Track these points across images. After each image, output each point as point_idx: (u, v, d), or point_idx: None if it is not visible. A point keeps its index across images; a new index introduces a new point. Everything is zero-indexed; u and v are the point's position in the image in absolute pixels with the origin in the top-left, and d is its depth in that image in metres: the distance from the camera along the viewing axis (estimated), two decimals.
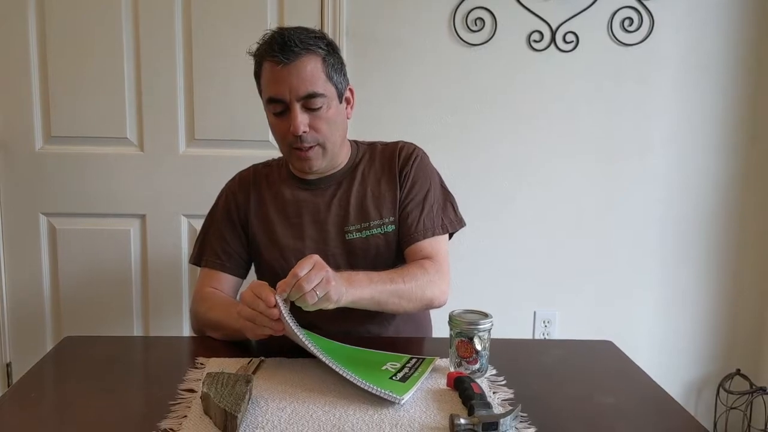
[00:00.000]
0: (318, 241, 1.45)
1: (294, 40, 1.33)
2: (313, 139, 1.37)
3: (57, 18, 2.10)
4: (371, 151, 1.53)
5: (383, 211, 1.45)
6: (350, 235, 1.44)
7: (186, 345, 1.31)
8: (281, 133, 1.39)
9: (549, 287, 2.31)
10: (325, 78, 1.36)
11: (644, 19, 2.16)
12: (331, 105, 1.38)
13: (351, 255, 1.44)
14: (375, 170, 1.49)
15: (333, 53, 1.39)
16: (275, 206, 1.49)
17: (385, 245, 1.45)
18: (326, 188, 1.48)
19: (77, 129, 2.15)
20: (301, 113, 1.35)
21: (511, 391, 1.10)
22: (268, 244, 1.47)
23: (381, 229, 1.45)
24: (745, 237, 2.31)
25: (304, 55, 1.33)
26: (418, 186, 1.47)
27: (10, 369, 2.25)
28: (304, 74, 1.33)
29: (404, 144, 1.52)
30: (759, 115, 2.24)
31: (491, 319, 1.16)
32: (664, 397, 1.13)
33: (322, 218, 1.46)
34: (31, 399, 1.08)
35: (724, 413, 2.32)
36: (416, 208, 1.46)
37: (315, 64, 1.35)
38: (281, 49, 1.32)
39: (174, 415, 0.99)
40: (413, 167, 1.48)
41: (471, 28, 2.15)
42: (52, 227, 2.21)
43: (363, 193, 1.47)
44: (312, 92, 1.34)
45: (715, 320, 2.35)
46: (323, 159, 1.42)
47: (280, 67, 1.33)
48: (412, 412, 1.01)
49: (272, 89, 1.36)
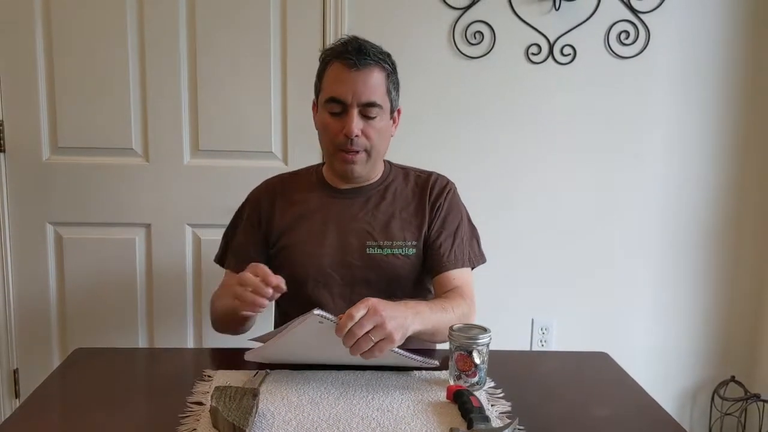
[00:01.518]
0: (338, 250, 1.48)
1: (369, 49, 1.40)
2: (362, 144, 1.43)
3: (63, 32, 2.13)
4: (404, 174, 1.58)
5: (407, 235, 1.49)
6: (371, 249, 1.48)
7: (193, 357, 1.35)
8: (333, 133, 1.43)
9: (546, 295, 2.34)
10: (385, 92, 1.43)
11: (640, 33, 2.19)
12: (384, 118, 1.45)
13: (369, 269, 1.47)
14: (406, 194, 1.54)
15: (395, 72, 1.47)
16: (301, 211, 1.52)
17: (402, 266, 1.48)
18: (355, 199, 1.52)
19: (83, 140, 2.19)
20: (357, 118, 1.40)
21: (508, 404, 1.14)
22: (288, 248, 1.50)
23: (402, 250, 1.48)
24: (740, 245, 2.35)
25: (374, 65, 1.41)
26: (451, 218, 1.52)
27: (18, 375, 2.28)
28: (370, 83, 1.40)
29: (438, 176, 1.57)
30: (752, 124, 2.28)
31: (489, 333, 1.20)
32: (658, 409, 1.16)
33: (347, 229, 1.50)
34: (43, 413, 1.11)
35: (719, 419, 2.36)
36: (448, 239, 1.50)
37: (380, 76, 1.42)
38: (356, 54, 1.39)
39: (184, 428, 1.03)
40: (447, 200, 1.53)
41: (470, 42, 2.19)
42: (58, 236, 2.24)
43: (391, 213, 1.51)
44: (372, 101, 1.41)
45: (710, 327, 2.39)
46: (365, 166, 1.47)
47: (350, 71, 1.39)
48: (413, 425, 1.05)
49: (336, 89, 1.41)
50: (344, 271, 1.48)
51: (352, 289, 1.48)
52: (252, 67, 2.18)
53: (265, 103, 2.19)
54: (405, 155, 1.70)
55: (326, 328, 1.13)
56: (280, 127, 2.21)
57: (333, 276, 1.48)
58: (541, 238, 2.31)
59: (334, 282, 1.48)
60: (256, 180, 1.63)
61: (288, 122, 2.20)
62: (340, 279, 1.48)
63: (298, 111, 2.17)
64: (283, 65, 2.18)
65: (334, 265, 1.48)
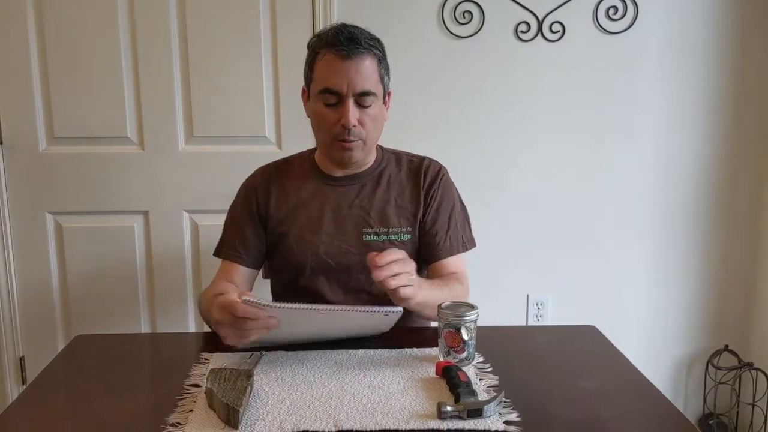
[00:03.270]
0: (334, 237, 1.50)
1: (360, 37, 1.39)
2: (359, 133, 1.43)
3: (55, 24, 2.15)
4: (397, 159, 1.59)
5: (402, 221, 1.51)
6: (368, 236, 1.50)
7: (191, 341, 1.39)
8: (329, 124, 1.43)
9: (541, 271, 2.38)
10: (378, 78, 1.44)
11: (629, 8, 2.20)
12: (378, 104, 1.45)
13: (365, 256, 1.47)
14: (400, 180, 1.55)
15: (385, 57, 1.47)
16: (297, 199, 1.53)
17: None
18: (350, 186, 1.53)
19: (79, 130, 2.21)
20: (353, 108, 1.41)
21: (496, 378, 1.17)
22: (285, 237, 1.52)
23: (398, 236, 1.51)
24: (733, 217, 2.37)
25: (366, 53, 1.40)
26: (445, 204, 1.55)
27: (24, 363, 2.33)
28: (364, 71, 1.40)
29: (431, 161, 1.59)
30: (742, 98, 2.28)
31: (477, 310, 1.23)
32: (643, 381, 1.20)
33: (343, 215, 1.51)
34: (46, 398, 1.15)
35: (713, 388, 2.40)
36: (443, 226, 1.53)
37: (373, 63, 1.42)
38: (348, 43, 1.38)
39: (181, 409, 1.06)
40: (440, 186, 1.55)
41: (459, 21, 2.20)
42: (58, 225, 2.28)
43: (386, 199, 1.53)
44: (367, 90, 1.41)
45: (703, 298, 2.42)
46: (362, 152, 1.48)
47: (343, 61, 1.38)
48: (402, 401, 1.08)
49: (330, 80, 1.40)
50: (341, 258, 1.50)
51: (349, 275, 1.50)
52: (243, 53, 2.19)
53: (258, 88, 2.21)
54: (396, 136, 1.71)
55: (329, 317, 1.17)
56: (273, 112, 2.23)
57: (330, 263, 1.50)
58: (535, 215, 2.34)
59: (330, 269, 1.50)
60: (251, 165, 1.64)
61: (281, 107, 2.22)
62: (336, 266, 1.50)
63: (290, 95, 2.18)
64: (273, 49, 2.20)
65: (331, 253, 1.50)
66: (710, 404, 2.42)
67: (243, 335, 1.17)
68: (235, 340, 1.19)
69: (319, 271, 1.51)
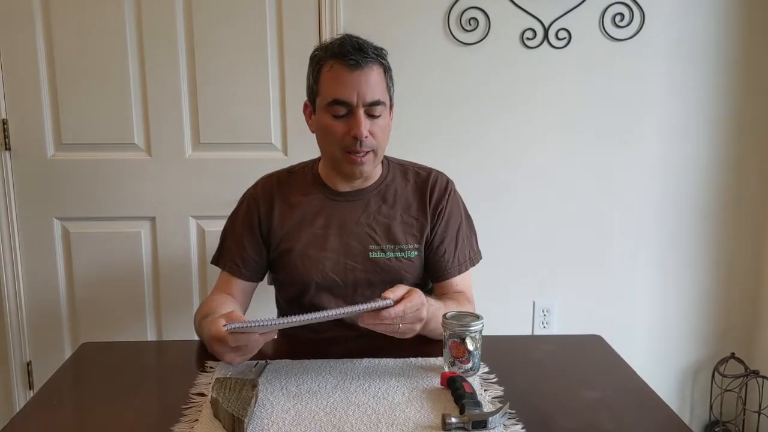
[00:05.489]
0: (340, 254, 1.48)
1: (366, 47, 1.38)
2: (370, 144, 1.40)
3: (63, 30, 2.16)
4: (403, 171, 1.56)
5: (409, 238, 1.49)
6: (374, 253, 1.48)
7: (196, 349, 1.38)
8: (339, 136, 1.40)
9: (547, 278, 2.37)
10: (385, 87, 1.42)
11: (635, 15, 2.20)
12: (386, 114, 1.43)
13: (371, 272, 1.48)
14: (407, 196, 1.52)
15: (389, 67, 1.45)
16: (301, 214, 1.50)
17: (405, 268, 1.49)
18: (356, 202, 1.50)
19: (87, 136, 2.22)
20: (364, 118, 1.38)
21: (501, 389, 1.18)
22: (289, 253, 1.49)
23: (405, 253, 1.49)
24: (739, 223, 2.36)
25: (373, 62, 1.38)
26: (453, 221, 1.53)
27: (31, 368, 2.34)
28: (373, 81, 1.38)
29: (438, 175, 1.55)
30: (749, 106, 2.28)
31: (482, 320, 1.23)
32: (647, 390, 1.20)
33: (348, 232, 1.48)
34: (53, 405, 1.16)
35: (720, 396, 2.39)
36: (451, 244, 1.52)
37: (380, 72, 1.41)
38: (356, 53, 1.36)
39: (186, 419, 1.07)
40: (448, 202, 1.52)
41: (465, 28, 2.20)
42: (65, 231, 2.29)
43: (393, 215, 1.50)
44: (377, 99, 1.39)
45: (709, 305, 2.42)
46: (372, 165, 1.45)
47: (352, 71, 1.36)
48: (407, 412, 1.08)
49: (339, 91, 1.37)
50: (347, 276, 1.48)
51: (355, 290, 1.49)
52: (250, 60, 2.20)
53: (264, 95, 2.22)
54: (402, 143, 1.72)
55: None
56: (279, 119, 2.24)
57: (336, 280, 1.48)
58: (541, 222, 2.34)
59: (336, 285, 1.49)
60: (257, 171, 1.63)
61: (287, 114, 2.23)
62: (342, 283, 1.48)
63: (296, 102, 2.18)
64: (280, 56, 2.20)
65: (337, 270, 1.48)
66: (716, 412, 2.41)
67: (247, 353, 1.20)
68: (241, 360, 1.22)
69: (325, 288, 1.49)
